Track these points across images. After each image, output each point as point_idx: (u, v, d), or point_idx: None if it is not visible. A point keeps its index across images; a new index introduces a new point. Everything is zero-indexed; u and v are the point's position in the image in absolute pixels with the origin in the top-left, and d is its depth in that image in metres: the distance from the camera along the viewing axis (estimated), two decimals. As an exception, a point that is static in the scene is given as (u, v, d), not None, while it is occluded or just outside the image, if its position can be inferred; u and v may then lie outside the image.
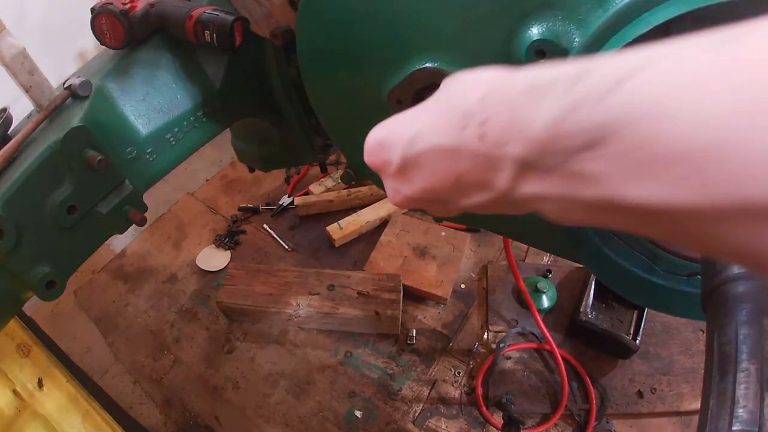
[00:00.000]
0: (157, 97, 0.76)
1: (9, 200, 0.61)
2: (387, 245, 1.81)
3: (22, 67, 0.63)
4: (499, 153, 0.26)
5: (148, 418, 1.53)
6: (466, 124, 0.27)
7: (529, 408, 1.42)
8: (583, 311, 1.46)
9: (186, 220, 2.10)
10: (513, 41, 0.54)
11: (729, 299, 0.40)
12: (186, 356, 1.65)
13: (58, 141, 0.63)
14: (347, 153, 0.84)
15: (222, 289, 1.65)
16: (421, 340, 1.61)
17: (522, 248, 1.83)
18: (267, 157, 1.06)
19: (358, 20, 0.62)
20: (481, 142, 0.26)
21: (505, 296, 1.67)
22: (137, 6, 0.72)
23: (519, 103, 0.24)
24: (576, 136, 0.22)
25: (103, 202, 0.71)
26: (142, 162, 0.75)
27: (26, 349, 1.09)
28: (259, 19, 0.75)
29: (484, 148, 0.26)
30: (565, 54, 0.50)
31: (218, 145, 2.09)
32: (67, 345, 1.63)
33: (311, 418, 1.47)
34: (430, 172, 0.31)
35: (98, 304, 1.83)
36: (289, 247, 1.93)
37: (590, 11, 0.49)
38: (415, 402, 1.47)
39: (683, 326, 1.52)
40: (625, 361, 1.47)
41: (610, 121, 0.20)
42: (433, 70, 0.60)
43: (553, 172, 0.23)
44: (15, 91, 0.65)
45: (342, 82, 0.71)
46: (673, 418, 1.38)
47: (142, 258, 1.98)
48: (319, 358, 1.60)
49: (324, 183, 2.07)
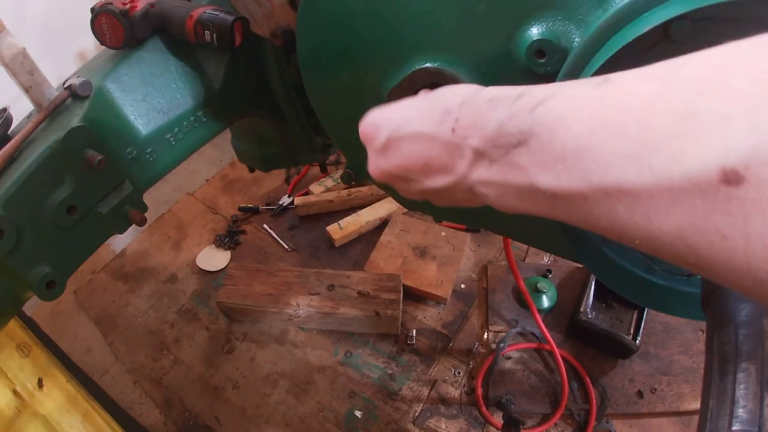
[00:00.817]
0: (157, 97, 0.76)
1: (9, 200, 0.61)
2: (387, 245, 1.81)
3: (22, 67, 0.63)
4: (463, 143, 0.34)
5: (148, 418, 1.53)
6: (443, 120, 0.35)
7: (529, 408, 1.42)
8: (583, 311, 1.46)
9: (186, 220, 2.10)
10: (513, 41, 0.54)
11: (729, 299, 0.40)
12: (186, 356, 1.65)
13: (58, 141, 0.63)
14: (347, 153, 0.84)
15: (222, 289, 1.65)
16: (421, 340, 1.61)
17: (522, 248, 1.83)
18: (267, 157, 1.06)
19: (358, 20, 0.62)
20: (452, 134, 0.35)
21: (505, 296, 1.67)
22: (137, 6, 0.72)
23: (482, 108, 0.33)
24: (512, 135, 0.30)
25: (103, 202, 0.71)
26: (142, 162, 0.75)
27: (26, 349, 1.09)
28: (259, 19, 0.75)
29: (453, 139, 0.34)
30: (565, 54, 0.50)
31: (218, 145, 2.09)
32: (67, 345, 1.63)
33: (311, 418, 1.47)
34: (407, 152, 0.39)
35: (98, 304, 1.83)
36: (289, 247, 1.93)
37: (590, 11, 0.49)
38: (415, 402, 1.47)
39: (683, 326, 1.52)
40: (625, 361, 1.47)
41: (532, 127, 0.29)
42: (433, 70, 0.60)
43: (496, 161, 0.32)
44: (15, 91, 0.65)
45: (342, 82, 0.71)
46: (673, 418, 1.38)
47: (142, 258, 1.98)
48: (319, 358, 1.60)
49: (324, 183, 2.07)
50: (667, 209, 0.23)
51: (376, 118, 0.42)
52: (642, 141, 0.23)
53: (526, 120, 0.29)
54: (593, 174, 0.25)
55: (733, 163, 0.20)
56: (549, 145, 0.28)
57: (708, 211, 0.21)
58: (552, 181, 0.28)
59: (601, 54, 0.44)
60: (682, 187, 0.22)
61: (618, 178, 0.24)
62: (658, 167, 0.22)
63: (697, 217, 0.22)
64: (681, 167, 0.22)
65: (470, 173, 0.34)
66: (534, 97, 0.30)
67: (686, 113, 0.22)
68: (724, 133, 0.20)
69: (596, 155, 0.25)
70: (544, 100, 0.29)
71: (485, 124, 0.32)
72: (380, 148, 0.41)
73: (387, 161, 0.41)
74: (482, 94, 0.34)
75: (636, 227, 0.25)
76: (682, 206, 0.22)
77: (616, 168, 0.24)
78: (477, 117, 0.33)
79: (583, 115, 0.26)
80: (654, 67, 0.25)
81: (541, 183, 0.28)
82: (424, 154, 0.37)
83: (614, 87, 0.26)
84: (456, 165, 0.35)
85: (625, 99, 0.25)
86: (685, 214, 0.22)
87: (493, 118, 0.31)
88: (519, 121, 0.29)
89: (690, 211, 0.22)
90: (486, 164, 0.33)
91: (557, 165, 0.27)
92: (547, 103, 0.28)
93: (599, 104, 0.26)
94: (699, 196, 0.21)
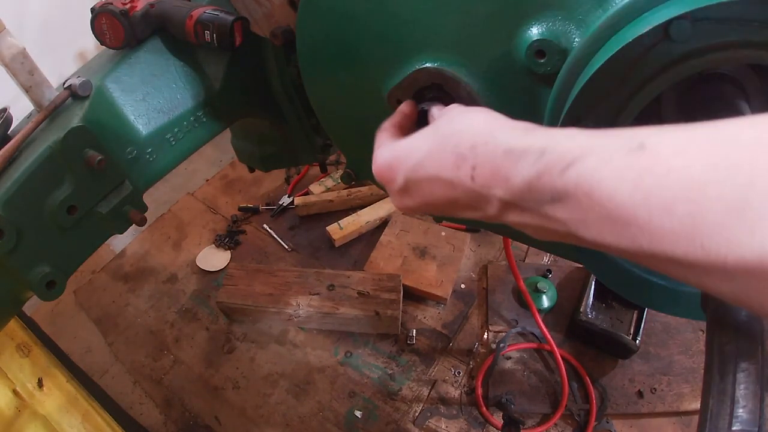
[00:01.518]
0: (157, 97, 0.76)
1: (9, 200, 0.61)
2: (387, 245, 1.81)
3: (22, 67, 0.63)
4: (487, 193, 0.34)
5: (148, 418, 1.53)
6: (459, 165, 0.36)
7: (529, 408, 1.42)
8: (583, 311, 1.46)
9: (186, 220, 2.10)
10: (513, 41, 0.54)
11: (729, 299, 0.40)
12: (186, 356, 1.65)
13: (58, 141, 0.63)
14: (347, 153, 0.84)
15: (222, 289, 1.65)
16: (421, 340, 1.61)
17: (522, 248, 1.83)
18: (267, 157, 1.06)
19: (358, 20, 0.62)
20: (473, 182, 0.35)
21: (505, 296, 1.67)
22: (137, 6, 0.72)
23: (500, 160, 0.34)
24: (545, 192, 0.30)
25: (103, 202, 0.71)
26: (142, 162, 0.75)
27: (26, 349, 1.09)
28: (259, 19, 0.75)
29: (475, 187, 0.35)
30: (565, 54, 0.50)
31: (218, 145, 2.09)
32: (67, 345, 1.63)
33: (311, 418, 1.47)
34: (429, 193, 0.39)
35: (98, 304, 1.83)
36: (289, 247, 1.93)
37: (590, 11, 0.49)
38: (415, 402, 1.47)
39: (683, 326, 1.52)
40: (625, 361, 1.47)
41: (567, 189, 0.29)
42: (433, 70, 0.60)
43: (530, 211, 0.32)
44: (15, 91, 0.65)
45: (342, 82, 0.71)
46: (673, 418, 1.38)
47: (142, 258, 1.98)
48: (319, 358, 1.60)
49: (324, 183, 2.07)
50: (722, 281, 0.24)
51: (388, 159, 0.43)
52: (693, 224, 0.24)
53: (559, 181, 0.29)
54: (642, 241, 0.26)
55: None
56: (589, 209, 0.28)
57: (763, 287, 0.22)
58: (596, 236, 0.29)
59: (601, 54, 0.44)
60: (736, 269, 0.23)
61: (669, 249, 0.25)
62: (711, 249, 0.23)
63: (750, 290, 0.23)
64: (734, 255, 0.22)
65: (501, 216, 0.35)
66: (561, 156, 0.30)
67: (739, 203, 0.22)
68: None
69: (644, 227, 0.25)
70: (574, 161, 0.29)
71: (509, 178, 0.32)
72: (401, 190, 0.42)
73: (412, 200, 0.42)
74: (495, 142, 0.34)
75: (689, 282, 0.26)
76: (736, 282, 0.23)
77: (666, 241, 0.25)
78: (496, 170, 0.34)
79: (625, 185, 0.26)
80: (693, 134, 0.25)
81: (584, 235, 0.29)
82: (449, 195, 0.38)
83: (654, 158, 0.26)
84: (484, 207, 0.36)
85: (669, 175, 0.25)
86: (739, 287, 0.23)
87: (518, 174, 0.32)
88: (551, 180, 0.30)
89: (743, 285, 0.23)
90: (518, 211, 0.33)
91: (601, 226, 0.28)
92: (579, 165, 0.29)
93: (640, 177, 0.26)
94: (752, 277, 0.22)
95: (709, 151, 0.24)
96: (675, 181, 0.24)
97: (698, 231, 0.23)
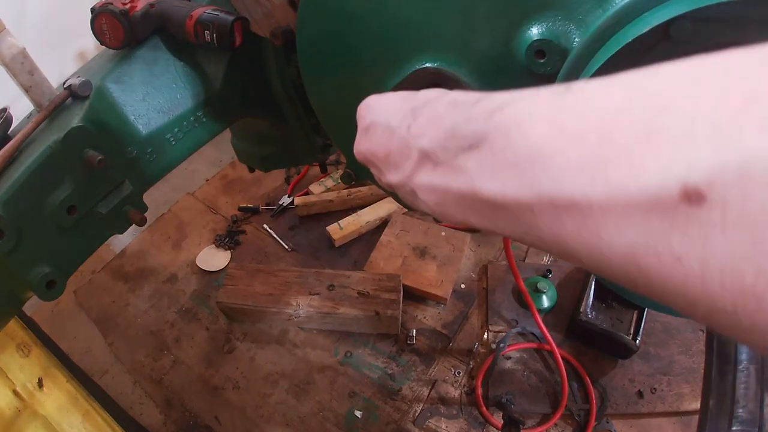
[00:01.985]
0: (157, 97, 0.76)
1: (9, 200, 0.61)
2: (387, 245, 1.81)
3: (22, 67, 0.63)
4: (412, 142, 0.34)
5: (148, 418, 1.53)
6: (406, 116, 0.36)
7: (529, 408, 1.42)
8: (583, 311, 1.46)
9: (186, 220, 2.10)
10: (513, 41, 0.54)
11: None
12: (186, 356, 1.65)
13: (58, 141, 0.63)
14: (347, 153, 0.84)
15: (222, 289, 1.65)
16: (421, 340, 1.61)
17: (522, 248, 1.83)
18: (267, 157, 1.06)
19: (357, 20, 0.62)
20: (408, 131, 0.35)
21: (505, 296, 1.67)
22: (137, 6, 0.72)
23: (441, 109, 0.33)
24: (464, 138, 0.29)
25: (103, 202, 0.71)
26: (142, 162, 0.75)
27: (26, 349, 1.09)
28: (259, 19, 0.75)
29: (408, 136, 0.35)
30: (565, 54, 0.50)
31: (218, 145, 2.09)
32: (67, 345, 1.63)
33: (311, 418, 1.47)
34: (375, 140, 0.40)
35: (98, 304, 1.83)
36: (289, 247, 1.93)
37: (590, 11, 0.49)
38: (415, 402, 1.47)
39: (683, 326, 1.52)
40: (625, 361, 1.47)
41: (487, 131, 0.28)
42: (433, 70, 0.60)
43: (441, 165, 0.31)
44: (15, 91, 0.65)
45: (342, 82, 0.71)
46: (673, 418, 1.38)
47: (142, 258, 1.98)
48: (319, 358, 1.60)
49: (324, 183, 2.07)
50: (620, 226, 0.21)
51: (370, 101, 0.43)
52: (600, 153, 0.22)
53: (482, 123, 0.28)
54: (543, 183, 0.24)
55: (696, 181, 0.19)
56: (501, 151, 0.27)
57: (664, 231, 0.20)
58: (497, 188, 0.27)
59: (601, 54, 0.44)
60: (639, 203, 0.20)
61: (570, 189, 0.23)
62: (614, 181, 0.21)
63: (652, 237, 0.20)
64: (639, 182, 0.20)
65: (414, 175, 0.34)
66: (494, 101, 0.29)
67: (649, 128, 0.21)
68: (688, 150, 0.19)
69: (549, 164, 0.24)
70: (504, 105, 0.28)
71: (439, 125, 0.32)
72: (362, 130, 0.42)
73: (363, 144, 0.42)
74: (447, 98, 0.34)
75: (584, 244, 0.23)
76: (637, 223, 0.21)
77: (568, 179, 0.23)
78: (433, 117, 0.33)
79: (542, 122, 0.25)
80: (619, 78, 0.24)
81: (485, 190, 0.28)
82: (385, 145, 0.37)
83: (576, 96, 0.25)
84: (404, 163, 0.35)
85: (586, 108, 0.24)
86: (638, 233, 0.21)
87: (450, 120, 0.31)
88: (475, 124, 0.29)
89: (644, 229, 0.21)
90: (430, 167, 0.32)
91: (506, 171, 0.26)
92: (506, 108, 0.28)
93: (559, 112, 0.25)
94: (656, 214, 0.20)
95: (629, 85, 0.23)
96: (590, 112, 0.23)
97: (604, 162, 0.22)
